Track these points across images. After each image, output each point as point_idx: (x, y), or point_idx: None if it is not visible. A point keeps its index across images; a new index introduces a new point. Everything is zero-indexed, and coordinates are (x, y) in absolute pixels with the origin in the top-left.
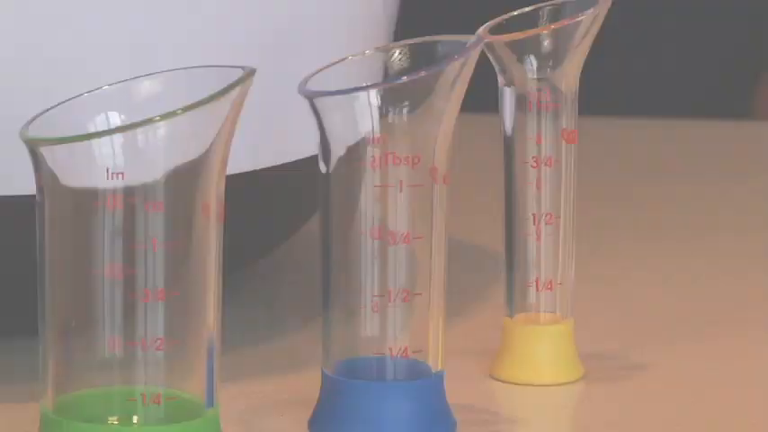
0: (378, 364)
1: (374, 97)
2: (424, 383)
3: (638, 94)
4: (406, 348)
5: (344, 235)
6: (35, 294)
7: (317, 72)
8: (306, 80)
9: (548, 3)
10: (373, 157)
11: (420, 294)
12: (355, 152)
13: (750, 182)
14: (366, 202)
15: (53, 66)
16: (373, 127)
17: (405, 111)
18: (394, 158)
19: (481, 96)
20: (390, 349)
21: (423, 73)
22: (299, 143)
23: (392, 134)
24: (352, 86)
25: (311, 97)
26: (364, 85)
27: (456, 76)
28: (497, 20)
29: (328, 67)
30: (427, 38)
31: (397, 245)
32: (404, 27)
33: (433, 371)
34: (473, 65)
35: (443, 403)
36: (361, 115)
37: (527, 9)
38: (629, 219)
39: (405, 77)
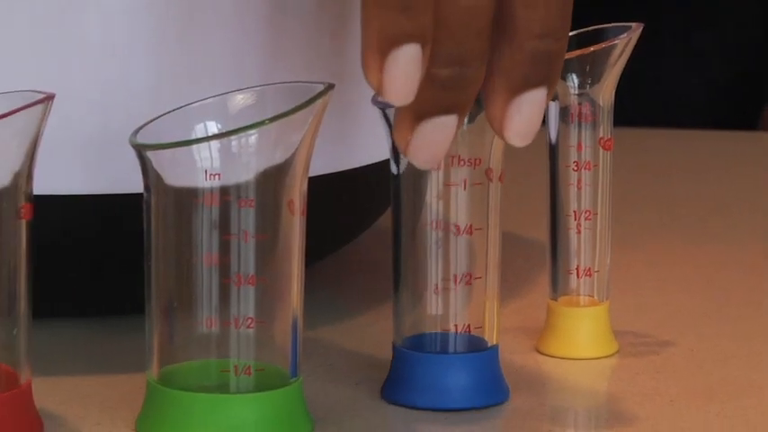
0: (442, 338)
1: None
2: (482, 356)
3: (664, 107)
4: (466, 325)
5: (413, 227)
6: (143, 279)
7: None
8: None
9: (587, 29)
10: None
11: (479, 278)
12: None
13: (762, 185)
14: (432, 198)
15: (159, 81)
16: None
17: (466, 120)
18: (458, 161)
19: None
20: (454, 326)
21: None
22: (370, 149)
23: (455, 140)
24: None
25: (383, 107)
26: None
27: None
28: None
29: None
30: None
31: (459, 236)
32: None
33: (489, 345)
34: None
35: (499, 373)
36: None
37: (570, 33)
38: (657, 214)
39: None
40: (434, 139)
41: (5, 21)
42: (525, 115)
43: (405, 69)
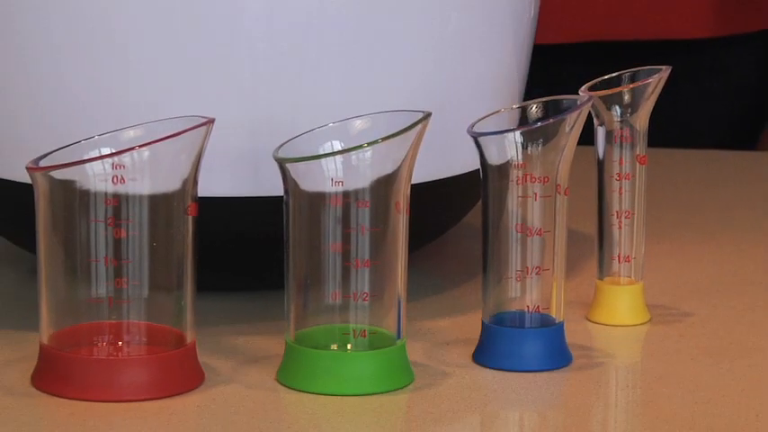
0: (519, 316)
1: (518, 136)
2: (551, 330)
3: (681, 133)
4: (538, 306)
5: (498, 228)
6: (283, 261)
7: (480, 119)
8: (473, 124)
9: (627, 70)
10: (517, 176)
11: (548, 270)
12: (505, 173)
13: (758, 192)
14: (512, 206)
15: (296, 108)
16: (517, 156)
17: (539, 145)
18: (531, 178)
19: (582, 133)
20: (528, 306)
21: (551, 120)
22: (459, 163)
23: (530, 161)
24: (503, 129)
25: (476, 136)
26: (512, 128)
27: (574, 122)
28: (593, 81)
29: (488, 116)
30: (554, 96)
31: (533, 236)
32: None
33: (557, 321)
34: (586, 114)
35: (564, 344)
36: (509, 148)
37: (614, 74)
38: (681, 214)
39: (539, 123)
40: None
41: (180, 64)
42: None
43: None
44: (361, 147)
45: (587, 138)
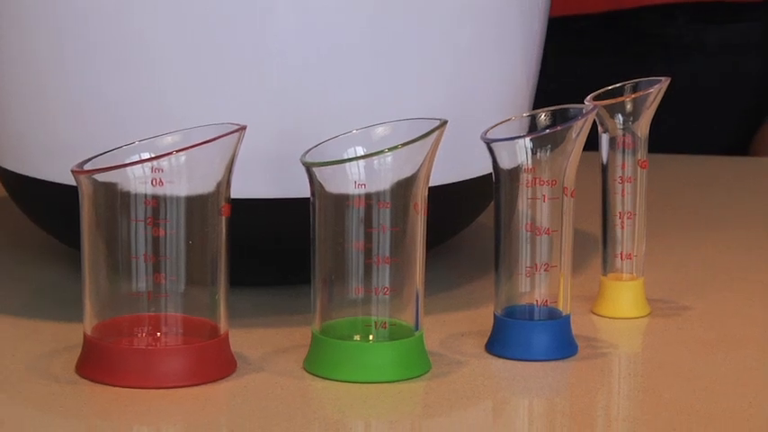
0: (529, 309)
1: (528, 142)
2: (558, 322)
3: (678, 140)
4: (546, 300)
5: (509, 228)
6: (309, 258)
7: (492, 126)
8: (486, 131)
9: (630, 81)
10: (527, 179)
11: (555, 266)
12: (515, 176)
13: (748, 193)
14: (522, 207)
15: (322, 115)
16: (527, 161)
17: (547, 151)
18: (540, 181)
19: (588, 139)
20: (537, 300)
21: (559, 127)
22: (473, 168)
23: (539, 165)
24: (513, 136)
25: (489, 142)
26: (522, 135)
27: (580, 129)
28: (598, 92)
29: (499, 124)
30: (561, 106)
31: (541, 235)
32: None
33: (564, 314)
34: (591, 122)
35: (571, 335)
36: (520, 153)
37: (617, 84)
38: (679, 215)
39: (548, 130)
40: None
41: (214, 74)
42: None
43: None
44: (382, 152)
45: (592, 144)
